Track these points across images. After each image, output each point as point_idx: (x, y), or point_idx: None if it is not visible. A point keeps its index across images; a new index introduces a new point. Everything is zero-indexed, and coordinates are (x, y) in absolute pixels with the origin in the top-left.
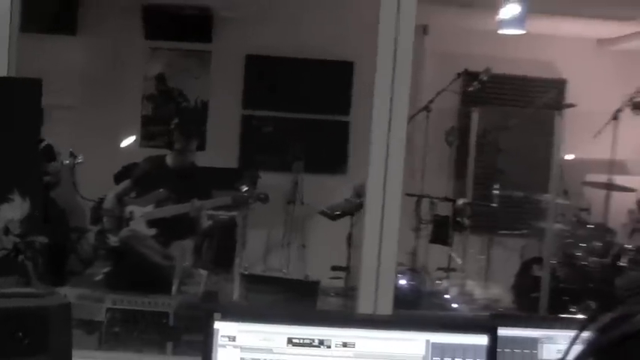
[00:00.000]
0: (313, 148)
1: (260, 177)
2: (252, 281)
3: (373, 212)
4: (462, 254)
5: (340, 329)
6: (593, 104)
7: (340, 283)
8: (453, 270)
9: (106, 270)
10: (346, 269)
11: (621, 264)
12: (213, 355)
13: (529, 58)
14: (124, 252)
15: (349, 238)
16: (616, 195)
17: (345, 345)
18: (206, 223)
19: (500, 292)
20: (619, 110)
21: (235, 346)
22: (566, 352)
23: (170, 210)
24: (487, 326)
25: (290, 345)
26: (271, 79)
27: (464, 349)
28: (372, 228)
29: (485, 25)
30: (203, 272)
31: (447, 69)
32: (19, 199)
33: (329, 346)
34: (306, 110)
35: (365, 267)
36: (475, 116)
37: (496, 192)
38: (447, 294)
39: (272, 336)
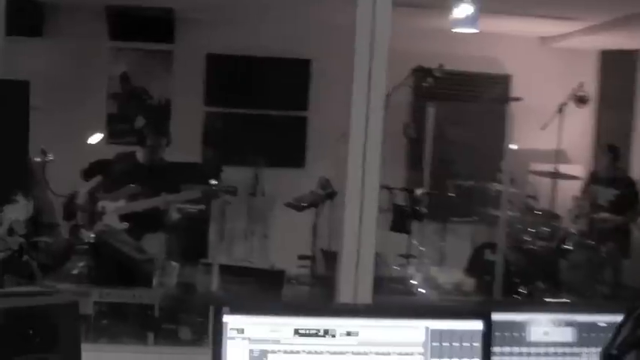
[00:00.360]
0: (273, 143)
1: (222, 171)
2: (222, 271)
3: (353, 203)
4: (420, 241)
5: (344, 319)
6: (538, 98)
7: (307, 272)
8: (413, 257)
9: (82, 264)
10: (312, 258)
11: (566, 247)
12: (223, 347)
13: (478, 56)
14: (100, 246)
15: (314, 228)
16: (561, 183)
17: (349, 334)
18: (175, 216)
19: (462, 277)
20: (564, 104)
21: (244, 338)
22: (613, 341)
23: (142, 204)
24: (482, 312)
25: (297, 335)
26: (232, 77)
27: (461, 334)
28: (352, 218)
29: (438, 24)
30: (175, 264)
31: (402, 65)
32: (23, 200)
33: (334, 336)
34: (265, 107)
35: (345, 256)
36: (431, 110)
37: (450, 182)
38: (412, 280)
39: (279, 327)
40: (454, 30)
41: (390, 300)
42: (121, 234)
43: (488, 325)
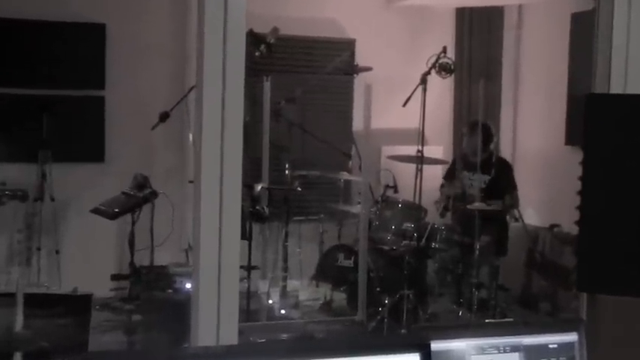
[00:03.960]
0: (62, 132)
1: None
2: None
3: (209, 208)
4: (264, 248)
5: None
6: (392, 68)
7: (124, 294)
8: (255, 267)
9: None
10: (129, 277)
11: (434, 245)
12: None
13: (319, 17)
14: None
15: (131, 239)
16: (425, 169)
17: None
18: None
19: (326, 291)
20: (427, 73)
21: None
22: None
23: None
24: (418, 343)
25: None
26: (3, 47)
27: None
28: (208, 227)
29: None
30: None
31: None
32: None
33: None
34: (50, 85)
35: (202, 275)
36: (266, 86)
37: (292, 172)
38: (269, 299)
39: None
40: None
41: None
42: None
43: (428, 358)
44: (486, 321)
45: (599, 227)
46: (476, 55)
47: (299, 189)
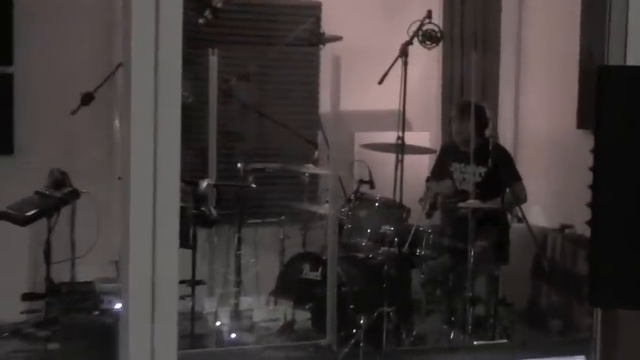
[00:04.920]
0: None
1: None
2: None
3: (140, 210)
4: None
5: None
6: (363, 36)
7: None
8: (200, 282)
9: None
10: (45, 296)
11: (420, 253)
12: None
13: None
14: None
15: (47, 249)
16: (407, 161)
17: None
18: None
19: (290, 309)
20: (408, 43)
21: None
22: None
23: None
24: None
25: None
26: None
27: None
28: (141, 234)
29: None
30: None
31: None
32: None
33: None
34: None
35: (133, 293)
36: (213, 60)
37: (246, 165)
38: (218, 321)
39: None
40: None
41: None
42: None
43: None
44: (475, 343)
45: (614, 228)
46: (468, 22)
47: (254, 185)
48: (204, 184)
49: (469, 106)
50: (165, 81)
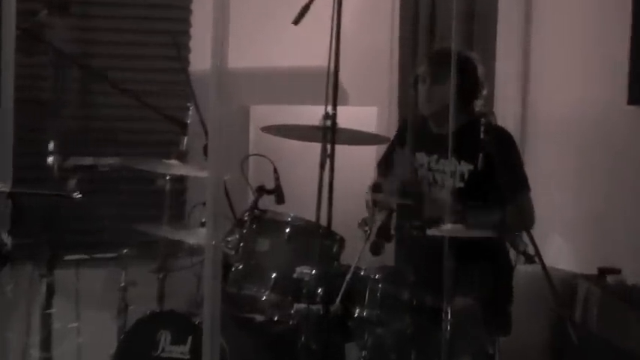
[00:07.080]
0: None
1: None
2: None
3: None
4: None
5: None
6: None
7: None
8: None
9: None
10: None
11: (362, 314)
12: None
13: None
14: None
15: None
16: (343, 152)
17: None
18: None
19: None
20: None
21: None
22: None
23: None
24: None
25: None
26: None
27: None
28: None
29: None
30: None
31: None
32: None
33: None
34: None
35: None
36: None
37: (62, 162)
38: None
39: None
40: None
41: None
42: None
43: None
44: None
45: None
46: None
47: (78, 195)
48: None
49: (447, 57)
50: None
